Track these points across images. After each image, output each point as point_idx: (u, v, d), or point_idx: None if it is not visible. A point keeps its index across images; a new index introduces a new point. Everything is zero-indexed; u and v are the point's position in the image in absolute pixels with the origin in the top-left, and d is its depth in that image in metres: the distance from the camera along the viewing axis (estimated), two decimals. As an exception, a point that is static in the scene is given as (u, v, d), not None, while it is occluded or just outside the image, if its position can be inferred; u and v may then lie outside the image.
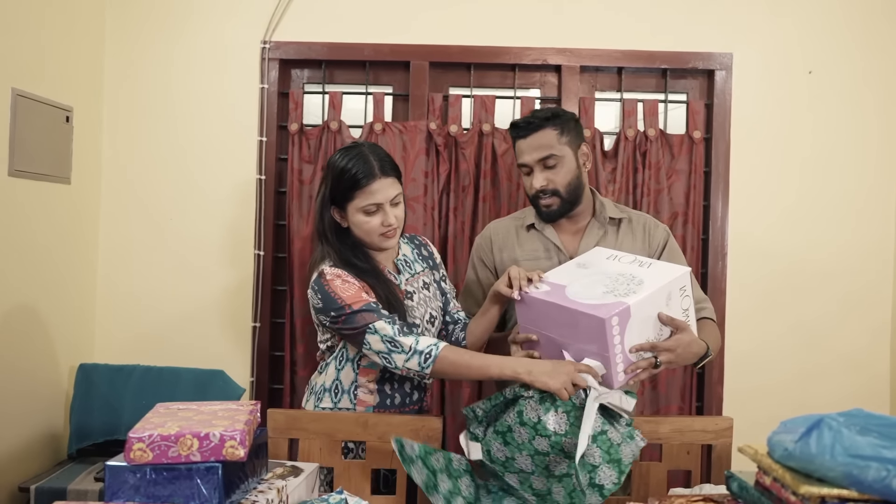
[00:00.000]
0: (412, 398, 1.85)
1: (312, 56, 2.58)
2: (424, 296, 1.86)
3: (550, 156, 1.85)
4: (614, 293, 1.57)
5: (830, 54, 2.57)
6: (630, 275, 1.64)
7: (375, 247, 1.79)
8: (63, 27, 2.34)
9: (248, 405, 1.46)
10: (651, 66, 2.58)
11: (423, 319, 1.84)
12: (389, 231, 1.75)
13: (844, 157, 2.58)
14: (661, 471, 1.82)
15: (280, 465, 1.59)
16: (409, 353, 1.65)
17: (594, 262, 1.72)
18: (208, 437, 1.25)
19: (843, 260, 2.58)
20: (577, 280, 1.65)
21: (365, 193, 1.71)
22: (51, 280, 2.33)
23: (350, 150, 1.76)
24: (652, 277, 1.62)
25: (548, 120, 1.86)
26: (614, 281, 1.62)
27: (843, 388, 2.57)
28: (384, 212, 1.73)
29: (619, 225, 1.97)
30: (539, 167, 1.87)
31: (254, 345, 2.58)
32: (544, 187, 1.87)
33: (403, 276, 1.85)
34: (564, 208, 1.90)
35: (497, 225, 2.06)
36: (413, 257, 1.91)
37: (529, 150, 1.87)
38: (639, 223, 1.98)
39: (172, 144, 2.59)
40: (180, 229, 2.59)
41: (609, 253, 1.76)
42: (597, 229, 1.95)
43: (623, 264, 1.69)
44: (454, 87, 2.65)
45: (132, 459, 1.23)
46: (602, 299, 1.55)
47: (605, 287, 1.60)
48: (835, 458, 1.01)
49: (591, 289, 1.60)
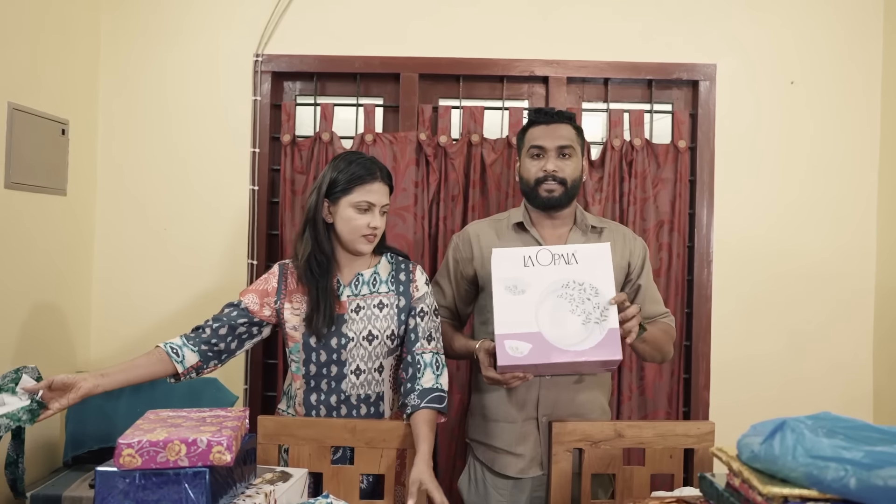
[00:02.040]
0: (339, 413, 1.84)
1: (304, 68, 2.62)
2: (373, 314, 1.83)
3: (569, 146, 1.93)
4: (591, 318, 1.65)
5: (812, 65, 2.62)
6: (575, 282, 1.68)
7: (353, 248, 1.82)
8: (58, 41, 2.39)
9: (237, 412, 1.50)
10: (637, 77, 2.62)
11: (359, 335, 1.81)
12: (372, 235, 1.80)
13: (826, 164, 2.62)
14: (643, 475, 1.85)
15: (270, 470, 1.63)
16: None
17: (523, 281, 1.70)
18: (196, 442, 1.29)
19: (827, 266, 2.62)
20: (538, 315, 1.67)
21: (363, 190, 1.78)
22: (47, 290, 2.37)
23: (357, 153, 1.87)
24: (595, 274, 1.68)
25: (571, 119, 1.97)
26: (571, 300, 1.67)
27: (828, 393, 2.60)
28: (373, 213, 1.79)
29: (600, 233, 2.01)
30: (555, 153, 1.92)
31: (247, 353, 2.61)
32: (555, 172, 1.91)
33: (357, 290, 1.84)
34: (563, 200, 1.93)
35: (479, 225, 2.08)
36: (385, 278, 1.87)
37: (551, 136, 1.93)
38: (618, 233, 2.03)
39: (167, 156, 2.63)
40: (175, 239, 2.63)
41: (516, 258, 1.73)
42: (580, 235, 1.99)
43: (550, 269, 1.70)
44: (443, 99, 2.70)
45: (122, 465, 1.27)
46: (590, 335, 1.64)
47: (573, 312, 1.66)
48: (796, 459, 1.05)
49: (566, 325, 1.65)
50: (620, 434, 1.85)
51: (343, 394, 1.82)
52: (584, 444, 1.84)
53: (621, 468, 1.85)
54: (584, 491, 1.84)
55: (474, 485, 2.02)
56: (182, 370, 1.75)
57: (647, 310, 1.98)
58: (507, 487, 1.98)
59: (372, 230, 1.79)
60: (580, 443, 1.83)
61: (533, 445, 1.96)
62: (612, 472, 1.85)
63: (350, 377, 1.82)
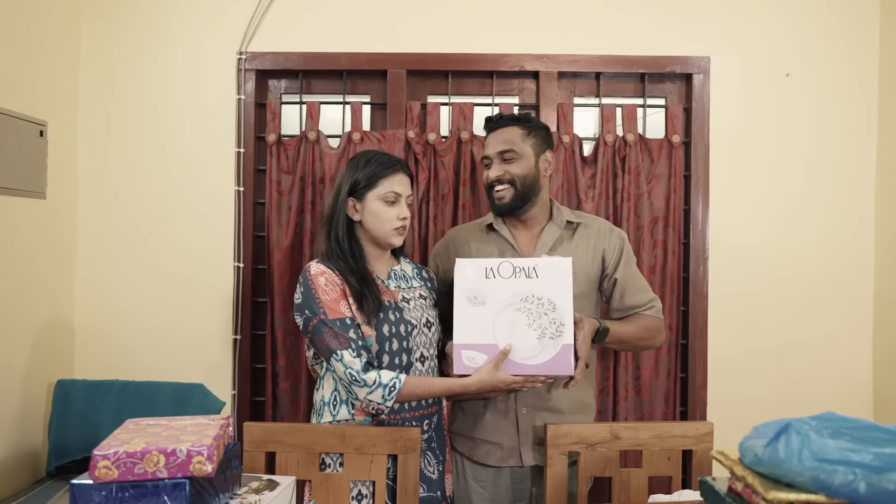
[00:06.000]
0: (411, 404, 1.81)
1: (289, 66, 2.57)
2: (422, 303, 1.89)
3: (510, 150, 1.94)
4: (546, 333, 1.71)
5: (808, 56, 2.58)
6: (534, 295, 1.74)
7: (385, 242, 1.84)
8: (36, 40, 2.33)
9: (220, 419, 1.45)
10: (629, 71, 2.58)
11: (420, 322, 1.85)
12: (403, 226, 1.83)
13: (824, 158, 2.58)
14: (641, 477, 1.82)
15: (256, 479, 1.57)
16: (373, 386, 1.69)
17: (482, 292, 1.76)
18: (175, 452, 1.24)
19: (825, 263, 2.58)
20: (496, 327, 1.73)
21: (389, 181, 1.81)
22: (28, 296, 2.31)
23: (374, 150, 1.90)
24: (554, 290, 1.73)
25: (517, 120, 1.98)
26: (528, 314, 1.73)
27: (826, 392, 2.56)
28: (401, 204, 1.82)
29: (575, 229, 2.01)
30: (498, 159, 1.96)
31: (235, 357, 2.56)
32: (499, 177, 1.95)
33: (398, 284, 1.88)
34: (516, 203, 1.95)
35: (458, 229, 2.15)
36: (412, 274, 1.94)
37: (493, 142, 1.98)
38: (594, 227, 2.03)
39: (150, 158, 2.57)
40: (159, 242, 2.57)
41: (479, 269, 1.78)
42: (553, 231, 1.99)
43: (511, 282, 1.75)
44: (432, 95, 2.65)
45: (97, 477, 1.22)
46: (545, 349, 1.71)
47: (530, 327, 1.72)
48: (802, 463, 1.00)
49: (521, 338, 1.72)
50: (617, 436, 1.82)
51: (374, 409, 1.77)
52: (580, 446, 1.80)
53: (618, 471, 1.81)
54: (581, 494, 1.80)
55: (455, 477, 2.02)
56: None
57: (628, 301, 1.99)
58: (487, 479, 1.98)
59: (402, 221, 1.82)
60: (575, 445, 1.80)
61: (511, 436, 1.95)
62: (609, 475, 1.81)
63: (416, 365, 1.82)
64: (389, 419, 1.78)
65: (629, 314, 1.99)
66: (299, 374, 2.53)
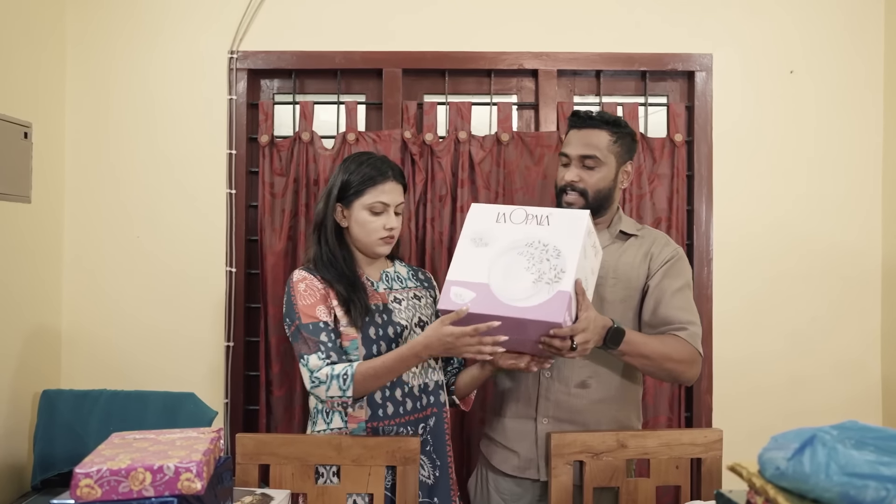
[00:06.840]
0: (405, 407, 1.76)
1: (282, 65, 2.50)
2: (415, 303, 1.85)
3: (593, 157, 1.82)
4: (543, 278, 1.55)
5: (812, 52, 2.52)
6: (540, 241, 1.61)
7: (371, 251, 1.80)
8: (18, 40, 2.26)
9: (210, 432, 1.38)
10: (630, 69, 2.52)
11: (411, 321, 1.80)
12: (389, 236, 1.78)
13: (828, 156, 2.53)
14: (649, 487, 1.76)
15: (249, 493, 1.52)
16: (328, 381, 1.62)
17: (490, 235, 1.65)
18: (162, 469, 1.17)
19: (831, 263, 2.52)
20: (492, 268, 1.60)
21: (377, 191, 1.75)
22: (13, 304, 2.24)
23: (367, 153, 1.85)
24: (562, 238, 1.59)
25: (608, 123, 1.84)
26: (530, 258, 1.59)
27: (834, 394, 2.50)
28: (388, 214, 1.77)
29: (626, 240, 1.90)
30: (578, 163, 1.83)
31: (227, 365, 2.49)
32: (574, 182, 1.83)
33: (389, 285, 1.84)
34: None
35: None
36: (406, 276, 1.90)
37: (577, 143, 1.84)
38: (649, 238, 1.91)
39: (138, 160, 2.50)
40: (149, 247, 2.50)
41: (493, 213, 1.68)
42: (607, 238, 1.89)
43: (520, 227, 1.64)
44: (429, 95, 2.58)
45: (79, 497, 1.16)
46: (537, 293, 1.53)
47: (528, 270, 1.57)
48: (830, 478, 0.94)
49: (516, 280, 1.57)
50: (623, 444, 1.76)
51: (406, 386, 1.76)
52: (585, 455, 1.74)
53: (625, 481, 1.75)
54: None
55: (479, 485, 1.97)
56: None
57: (661, 312, 1.81)
58: (507, 491, 1.89)
59: (388, 231, 1.77)
60: (581, 455, 1.74)
61: (529, 445, 1.86)
62: (616, 486, 1.75)
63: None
64: (383, 425, 1.73)
65: (659, 331, 1.80)
66: (294, 381, 2.46)
